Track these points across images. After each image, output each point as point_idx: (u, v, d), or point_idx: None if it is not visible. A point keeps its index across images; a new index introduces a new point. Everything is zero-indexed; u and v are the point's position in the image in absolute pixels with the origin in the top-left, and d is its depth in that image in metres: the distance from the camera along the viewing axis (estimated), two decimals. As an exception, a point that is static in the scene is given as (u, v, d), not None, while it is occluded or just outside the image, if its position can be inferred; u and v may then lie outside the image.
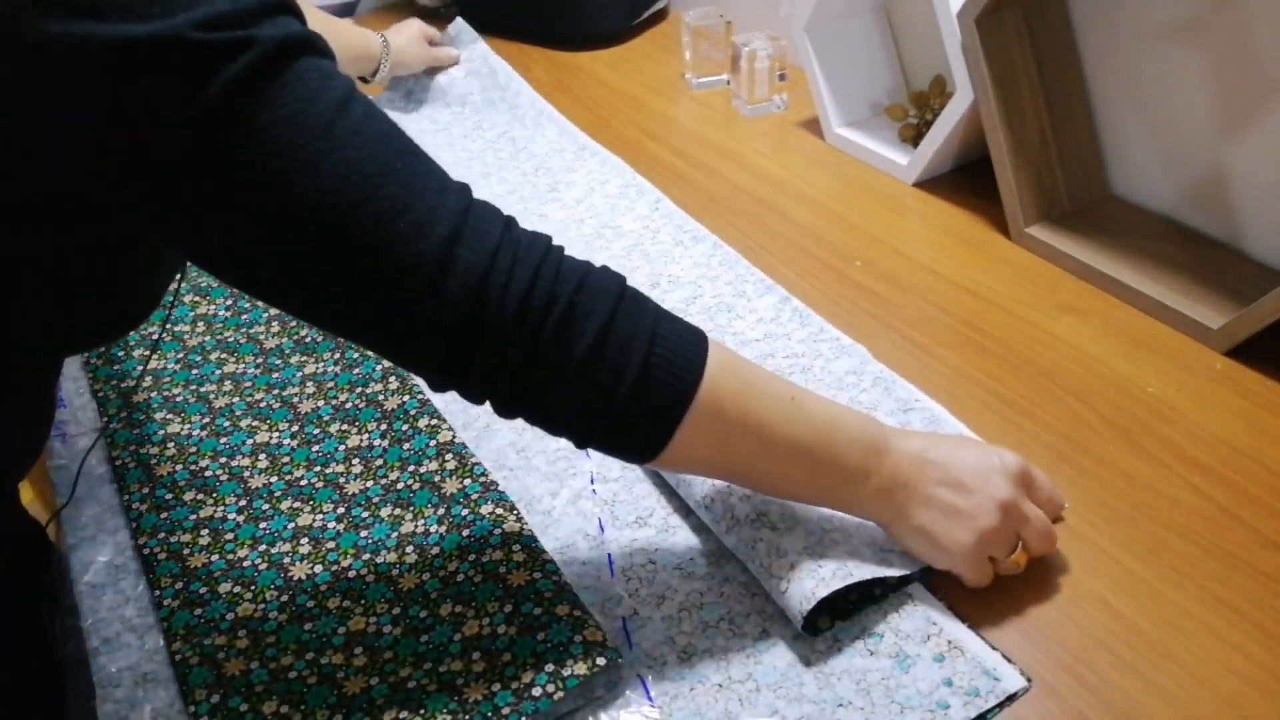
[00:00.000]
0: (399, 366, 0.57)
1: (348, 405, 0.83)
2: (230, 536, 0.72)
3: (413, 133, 0.56)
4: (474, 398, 0.57)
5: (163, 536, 0.72)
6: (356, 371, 0.86)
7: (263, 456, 0.78)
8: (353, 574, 0.68)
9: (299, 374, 0.87)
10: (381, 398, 0.83)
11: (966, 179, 1.08)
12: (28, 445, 0.65)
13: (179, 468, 0.78)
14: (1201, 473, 0.73)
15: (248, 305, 0.96)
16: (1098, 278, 0.92)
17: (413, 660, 0.62)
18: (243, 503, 0.74)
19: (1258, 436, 0.75)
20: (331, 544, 0.71)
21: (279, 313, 0.94)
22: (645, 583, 0.67)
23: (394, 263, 0.51)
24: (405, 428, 0.80)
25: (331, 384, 0.85)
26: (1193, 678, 0.60)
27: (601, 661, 0.60)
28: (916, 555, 0.64)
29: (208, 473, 0.77)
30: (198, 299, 0.96)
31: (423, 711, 0.59)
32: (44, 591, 0.75)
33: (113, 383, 0.86)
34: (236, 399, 0.84)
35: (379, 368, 0.86)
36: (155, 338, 0.91)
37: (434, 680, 0.61)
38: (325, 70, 0.50)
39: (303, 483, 0.76)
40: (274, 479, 0.76)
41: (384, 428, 0.80)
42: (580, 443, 0.58)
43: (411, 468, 0.76)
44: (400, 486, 0.75)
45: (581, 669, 0.60)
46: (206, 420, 0.82)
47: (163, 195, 0.48)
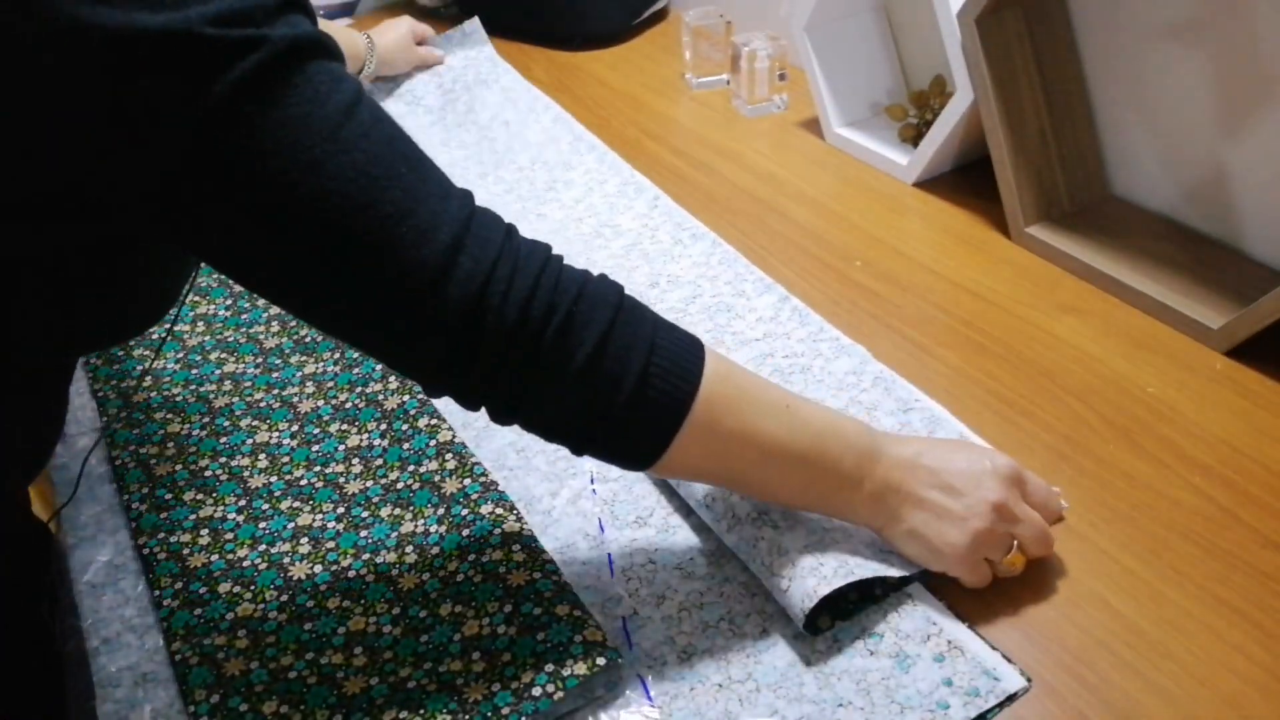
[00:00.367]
0: (397, 372, 0.57)
1: (347, 405, 0.83)
2: (230, 536, 0.72)
3: (407, 126, 0.56)
4: (470, 404, 0.57)
5: (162, 536, 0.72)
6: (356, 371, 0.86)
7: (262, 456, 0.78)
8: (352, 574, 0.68)
9: (299, 374, 0.87)
10: (381, 397, 0.83)
11: (966, 179, 1.08)
12: (39, 447, 0.65)
13: (179, 467, 0.78)
14: (1201, 473, 0.73)
15: (247, 305, 0.95)
16: (1098, 278, 0.92)
17: (413, 660, 0.62)
18: (242, 502, 0.74)
19: (1258, 436, 0.75)
20: (331, 544, 0.71)
21: (279, 313, 0.94)
22: (645, 583, 0.67)
23: (396, 267, 0.50)
24: (405, 427, 0.80)
25: (331, 384, 0.85)
26: (1193, 678, 0.60)
27: (601, 661, 0.60)
28: (912, 559, 0.64)
29: (207, 472, 0.77)
30: (198, 299, 0.96)
31: (423, 711, 0.59)
32: (44, 591, 0.75)
33: (113, 383, 0.86)
34: (236, 399, 0.84)
35: (379, 368, 0.86)
36: (156, 337, 0.91)
37: (434, 680, 0.61)
38: (335, 73, 0.50)
39: (302, 482, 0.76)
40: (274, 479, 0.76)
41: (384, 427, 0.80)
42: (577, 450, 0.59)
43: (411, 467, 0.76)
44: (400, 486, 0.75)
45: (581, 669, 0.60)
46: (206, 420, 0.82)
47: (165, 191, 0.48)
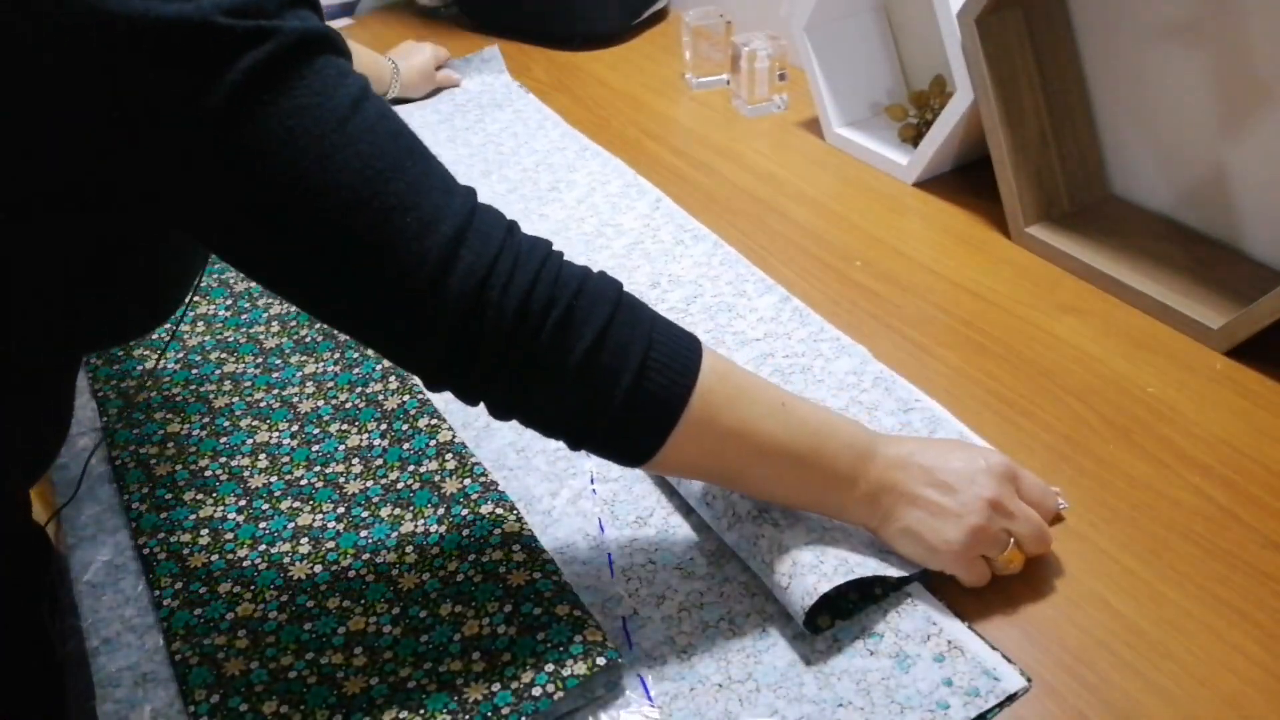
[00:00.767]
0: (396, 364, 0.58)
1: (347, 405, 0.83)
2: (230, 536, 0.72)
3: (414, 124, 0.56)
4: (470, 398, 0.57)
5: (162, 536, 0.72)
6: (356, 371, 0.86)
7: (262, 456, 0.78)
8: (352, 574, 0.68)
9: (299, 374, 0.87)
10: (381, 397, 0.83)
11: (966, 179, 1.08)
12: (42, 449, 0.65)
13: (179, 467, 0.78)
14: (1201, 473, 0.73)
15: (247, 305, 0.96)
16: (1098, 278, 0.92)
17: (413, 660, 0.62)
18: (242, 502, 0.74)
19: (1258, 436, 0.75)
20: (331, 544, 0.71)
21: (279, 313, 0.94)
22: (645, 583, 0.67)
23: (397, 260, 0.51)
24: (405, 427, 0.80)
25: (331, 384, 0.85)
26: (1193, 678, 0.60)
27: (601, 661, 0.60)
28: (908, 558, 0.64)
29: (207, 472, 0.77)
30: (198, 299, 0.96)
31: (423, 711, 0.59)
32: (44, 591, 0.75)
33: (113, 383, 0.86)
34: (236, 399, 0.84)
35: (379, 367, 0.86)
36: (157, 338, 0.91)
37: (434, 680, 0.61)
38: (342, 68, 0.50)
39: (302, 482, 0.76)
40: (274, 479, 0.76)
41: (384, 427, 0.80)
42: (574, 445, 0.59)
43: (411, 467, 0.76)
44: (400, 486, 0.75)
45: (581, 669, 0.60)
46: (206, 420, 0.82)
47: (173, 180, 0.48)
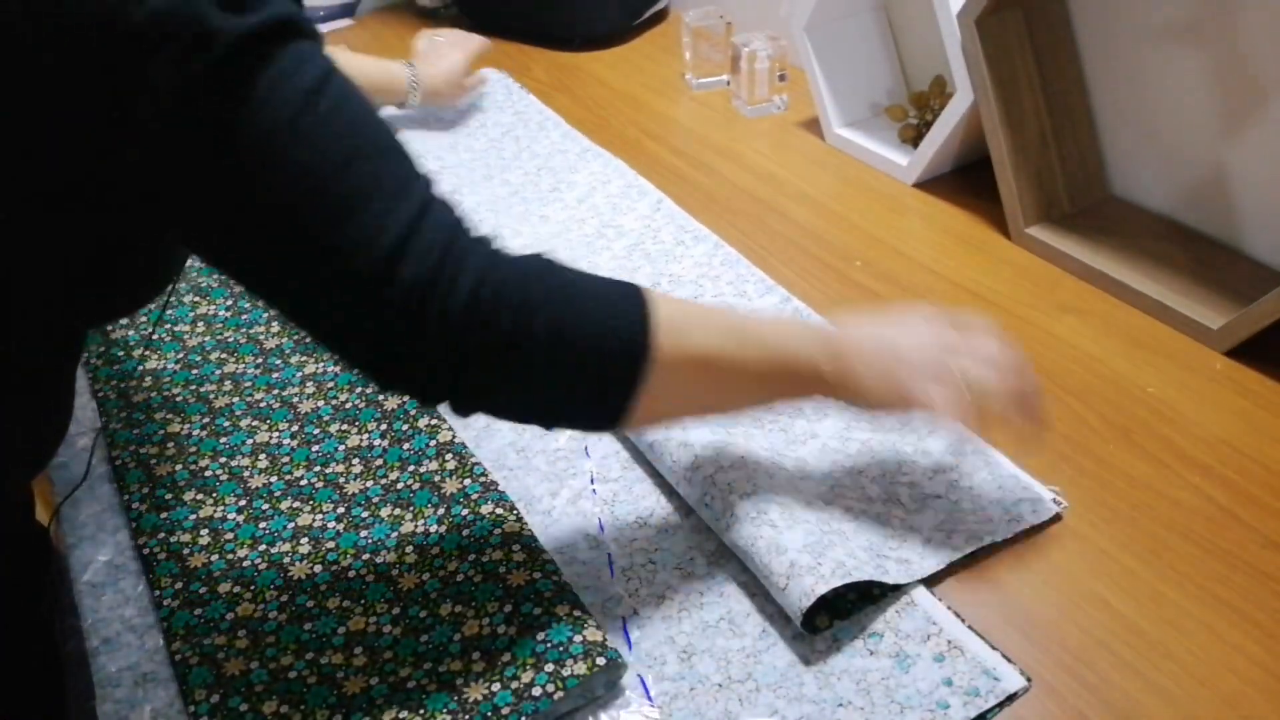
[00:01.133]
0: (348, 364, 0.57)
1: (347, 405, 0.83)
2: (230, 536, 0.72)
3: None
4: (426, 396, 0.57)
5: (162, 536, 0.72)
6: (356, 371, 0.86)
7: (263, 456, 0.78)
8: (352, 574, 0.68)
9: (299, 374, 0.87)
10: (381, 398, 0.83)
11: (966, 179, 1.08)
12: (44, 443, 0.65)
13: (179, 467, 0.78)
14: (1201, 472, 0.73)
15: (248, 305, 0.96)
16: (1098, 278, 0.92)
17: (413, 660, 0.62)
18: (243, 503, 0.74)
19: (1258, 436, 0.75)
20: (331, 544, 0.71)
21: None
22: (645, 583, 0.68)
23: (345, 253, 0.51)
24: (405, 427, 0.80)
25: (331, 384, 0.85)
26: (1192, 677, 0.60)
27: (601, 661, 0.60)
28: (884, 406, 0.63)
29: (208, 472, 0.77)
30: (198, 299, 0.96)
31: (422, 711, 0.59)
32: (44, 591, 0.75)
33: (113, 383, 0.86)
34: (236, 399, 0.84)
35: (379, 368, 0.86)
36: (154, 337, 0.91)
37: (434, 680, 0.61)
38: (304, 53, 0.51)
39: (303, 483, 0.76)
40: (274, 479, 0.76)
41: (384, 428, 0.80)
42: (547, 426, 0.60)
43: (411, 468, 0.76)
44: (400, 486, 0.75)
45: (581, 669, 0.60)
46: (206, 420, 0.82)
47: (151, 163, 0.48)
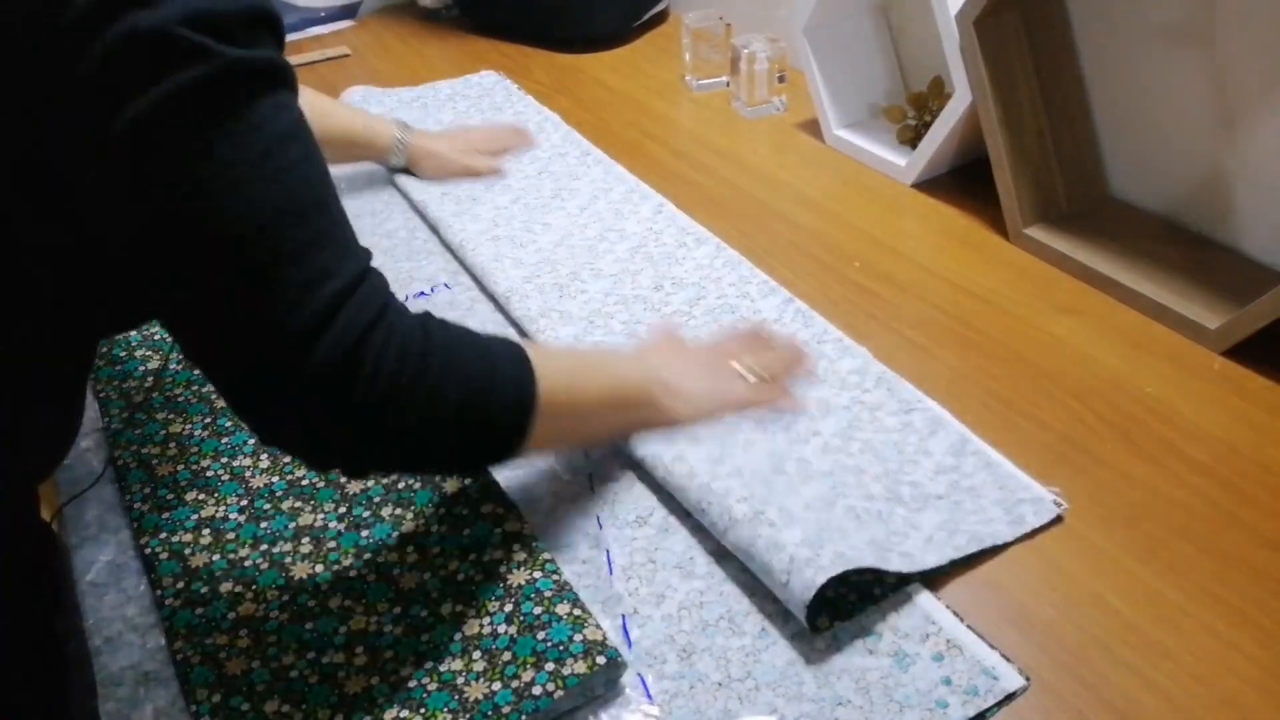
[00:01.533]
0: (255, 431, 0.57)
1: (348, 405, 0.83)
2: (232, 536, 0.72)
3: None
4: (322, 461, 0.59)
5: (164, 536, 0.72)
6: (357, 372, 0.86)
7: (264, 456, 0.79)
8: (354, 573, 0.68)
9: (300, 374, 0.87)
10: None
11: (965, 180, 1.09)
12: (59, 441, 0.65)
13: (181, 467, 0.78)
14: (1200, 472, 0.73)
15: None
16: (1096, 278, 0.92)
17: (413, 659, 0.62)
18: (244, 502, 0.75)
19: (1256, 436, 0.76)
20: (333, 543, 0.71)
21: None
22: (645, 582, 0.68)
23: (272, 310, 0.51)
24: (406, 428, 0.80)
25: (332, 384, 0.85)
26: (1191, 677, 0.60)
27: (601, 660, 0.60)
28: (703, 414, 0.75)
29: (209, 472, 0.77)
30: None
31: (423, 710, 0.59)
32: (46, 590, 0.75)
33: (114, 383, 0.86)
34: (237, 399, 0.84)
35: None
36: (156, 337, 0.91)
37: (434, 679, 0.61)
38: (280, 102, 0.51)
39: (304, 482, 0.76)
40: (275, 478, 0.77)
41: (385, 428, 0.80)
42: (459, 474, 0.74)
43: (412, 468, 0.76)
44: (401, 486, 0.75)
45: (581, 668, 0.60)
46: (208, 420, 0.82)
47: (115, 172, 0.48)
